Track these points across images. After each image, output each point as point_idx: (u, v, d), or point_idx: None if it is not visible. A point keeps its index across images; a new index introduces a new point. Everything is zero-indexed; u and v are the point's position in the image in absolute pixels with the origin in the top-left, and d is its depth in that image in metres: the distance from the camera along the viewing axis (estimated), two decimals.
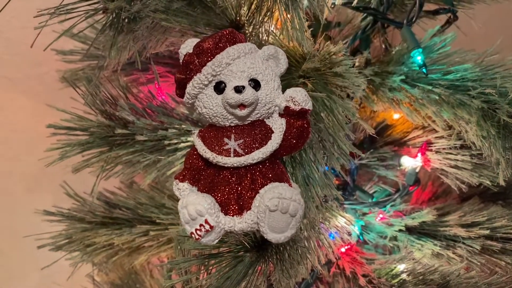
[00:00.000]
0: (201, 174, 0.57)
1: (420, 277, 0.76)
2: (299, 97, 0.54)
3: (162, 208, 0.89)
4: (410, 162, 0.84)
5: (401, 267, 0.80)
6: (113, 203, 0.88)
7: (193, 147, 0.59)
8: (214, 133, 0.55)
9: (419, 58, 0.73)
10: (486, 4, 0.83)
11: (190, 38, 0.70)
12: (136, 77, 0.90)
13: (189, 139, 0.79)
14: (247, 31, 0.69)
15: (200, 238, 0.53)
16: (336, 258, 0.85)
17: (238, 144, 0.54)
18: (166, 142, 0.78)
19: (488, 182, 0.77)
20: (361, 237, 0.86)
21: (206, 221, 0.52)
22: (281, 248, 0.69)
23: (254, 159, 0.53)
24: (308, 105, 0.54)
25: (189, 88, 0.54)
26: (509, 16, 1.17)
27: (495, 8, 0.84)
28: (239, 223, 0.54)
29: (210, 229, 0.53)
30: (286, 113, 0.55)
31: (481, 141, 0.68)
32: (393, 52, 0.78)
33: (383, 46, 0.85)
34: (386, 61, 0.79)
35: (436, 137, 0.82)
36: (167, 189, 0.91)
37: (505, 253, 0.76)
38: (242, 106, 0.52)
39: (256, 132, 0.54)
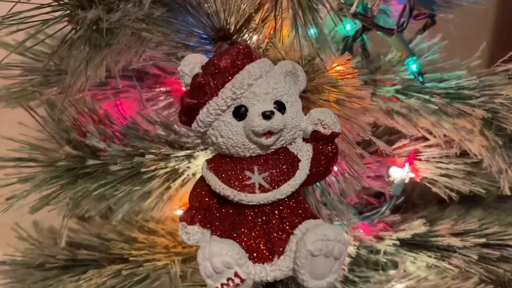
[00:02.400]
0: (214, 214, 0.49)
1: None
2: (328, 120, 0.47)
3: (133, 243, 0.78)
4: (399, 173, 0.81)
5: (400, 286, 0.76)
6: (75, 243, 0.75)
7: (200, 182, 0.50)
8: (231, 165, 0.47)
9: (414, 66, 0.70)
10: (463, 8, 0.81)
11: (170, 49, 0.62)
12: (94, 93, 0.78)
13: (169, 164, 0.69)
14: (238, 40, 0.61)
15: None
16: None
17: (263, 178, 0.46)
18: (143, 169, 0.67)
19: (481, 190, 0.76)
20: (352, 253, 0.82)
21: (235, 274, 0.44)
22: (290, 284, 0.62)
23: (282, 194, 0.46)
24: (338, 128, 0.48)
25: (203, 114, 0.45)
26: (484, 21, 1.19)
27: (471, 12, 0.84)
28: (272, 271, 0.46)
29: (240, 283, 0.44)
30: (314, 138, 0.48)
31: (483, 151, 0.66)
32: (382, 61, 0.74)
33: (362, 54, 0.81)
34: (372, 69, 0.75)
35: (425, 146, 0.79)
36: (136, 220, 0.80)
37: (503, 261, 0.75)
38: (269, 133, 0.45)
39: (281, 162, 0.47)
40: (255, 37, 0.62)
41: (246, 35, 0.62)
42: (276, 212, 0.47)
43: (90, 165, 0.62)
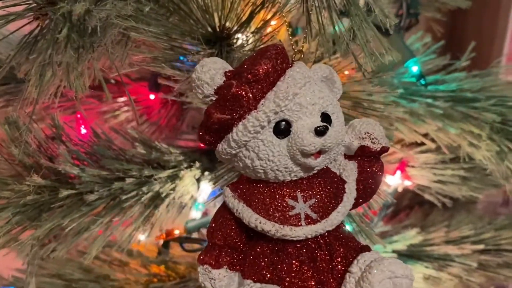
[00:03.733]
0: (244, 253, 0.40)
1: None
2: (377, 133, 0.40)
3: (105, 281, 0.66)
4: (393, 181, 0.77)
5: None
6: None
7: (222, 214, 0.41)
8: (268, 193, 0.38)
9: (415, 69, 0.66)
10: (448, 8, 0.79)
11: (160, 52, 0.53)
12: (47, 105, 0.65)
13: (153, 187, 0.58)
14: (236, 40, 0.53)
15: None
16: None
17: (309, 206, 0.38)
18: (123, 197, 0.56)
19: (477, 195, 0.74)
20: None
21: None
22: None
23: (333, 225, 0.38)
24: (386, 142, 0.41)
25: (239, 133, 0.36)
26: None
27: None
28: None
29: None
30: (360, 154, 0.41)
31: (491, 157, 0.64)
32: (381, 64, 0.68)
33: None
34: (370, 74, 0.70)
35: (418, 152, 0.76)
36: (108, 254, 0.68)
37: (503, 266, 0.74)
38: (317, 153, 0.37)
39: (327, 185, 0.39)
40: (253, 38, 0.54)
41: (245, 36, 0.54)
42: (323, 246, 0.39)
43: (62, 197, 0.50)
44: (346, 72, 0.58)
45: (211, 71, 0.38)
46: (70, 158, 0.50)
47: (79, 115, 0.66)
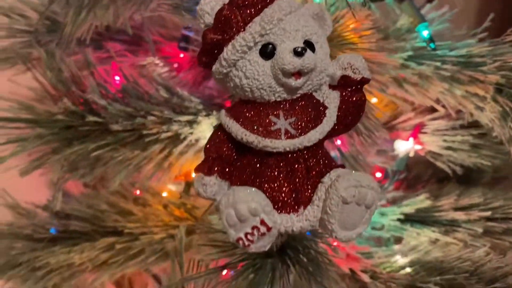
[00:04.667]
0: (233, 165, 0.45)
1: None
2: (359, 64, 0.45)
3: (128, 215, 0.73)
4: (404, 147, 0.79)
5: (404, 260, 0.75)
6: (66, 214, 0.70)
7: (217, 131, 0.46)
8: (254, 112, 0.44)
9: (425, 33, 0.68)
10: None
11: None
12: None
13: (171, 128, 0.65)
14: None
15: (251, 244, 0.41)
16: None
17: (289, 123, 0.43)
18: (145, 132, 0.63)
19: (487, 162, 0.75)
20: None
21: (262, 222, 0.41)
22: (301, 249, 0.59)
23: (310, 141, 0.43)
24: (367, 74, 0.45)
25: (228, 52, 0.42)
26: None
27: None
28: (298, 221, 0.43)
29: (266, 232, 0.41)
30: (343, 84, 0.45)
31: (495, 119, 0.65)
32: (392, 28, 0.72)
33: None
34: (380, 38, 0.73)
35: (430, 119, 0.78)
36: (130, 191, 0.75)
37: (508, 234, 0.74)
38: (298, 74, 0.42)
39: (308, 108, 0.44)
40: None
41: None
42: (301, 161, 0.44)
43: (89, 122, 0.57)
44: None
45: (212, 3, 0.44)
46: (98, 91, 0.58)
47: (114, 66, 0.74)
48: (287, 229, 0.43)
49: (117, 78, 0.73)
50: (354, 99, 0.45)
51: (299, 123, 0.43)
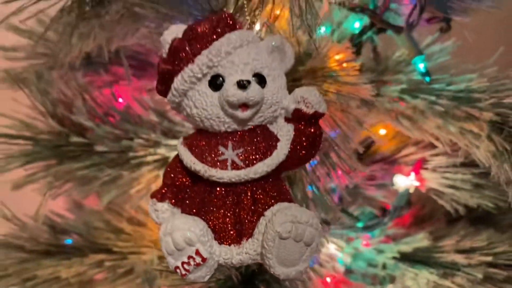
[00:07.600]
0: (186, 193, 0.46)
1: None
2: (312, 98, 0.44)
3: (119, 233, 0.75)
4: (404, 182, 0.77)
5: None
6: (60, 228, 0.73)
7: (175, 159, 0.47)
8: (205, 141, 0.44)
9: (421, 66, 0.66)
10: (482, 13, 0.77)
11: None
12: (91, 79, 0.77)
13: (158, 151, 0.67)
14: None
15: (187, 273, 0.41)
16: None
17: (237, 154, 0.43)
18: (131, 154, 0.65)
19: (489, 204, 0.71)
20: (349, 266, 0.77)
21: (197, 252, 0.41)
22: (272, 282, 0.58)
23: (257, 173, 0.43)
24: (322, 108, 0.45)
25: (177, 82, 0.43)
26: (502, 26, 1.14)
27: (489, 17, 0.80)
28: (238, 254, 0.42)
29: (201, 262, 0.41)
30: (296, 117, 0.45)
31: (491, 158, 0.62)
32: (390, 60, 0.70)
33: (372, 53, 0.78)
34: (380, 70, 0.72)
35: (432, 154, 0.75)
36: (126, 211, 0.77)
37: (509, 282, 0.69)
38: (244, 106, 0.42)
39: (258, 140, 0.44)
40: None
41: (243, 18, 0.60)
42: (248, 192, 0.43)
43: (74, 143, 0.60)
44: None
45: (173, 34, 0.45)
46: (85, 112, 0.61)
47: (115, 89, 0.77)
48: (226, 262, 0.42)
49: (120, 100, 0.77)
50: (307, 133, 0.45)
51: (246, 155, 0.43)
